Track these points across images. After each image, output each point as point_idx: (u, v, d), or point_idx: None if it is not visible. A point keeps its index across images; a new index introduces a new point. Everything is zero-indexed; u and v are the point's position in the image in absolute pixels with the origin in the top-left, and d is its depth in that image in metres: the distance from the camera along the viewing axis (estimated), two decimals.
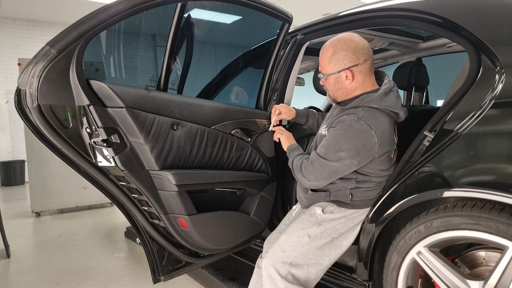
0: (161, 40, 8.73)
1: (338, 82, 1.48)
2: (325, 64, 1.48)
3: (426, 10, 1.42)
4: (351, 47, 1.42)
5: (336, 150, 1.37)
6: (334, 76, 1.47)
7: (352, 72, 1.43)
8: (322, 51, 1.50)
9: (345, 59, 1.43)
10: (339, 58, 1.43)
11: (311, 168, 1.43)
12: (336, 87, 1.50)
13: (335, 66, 1.45)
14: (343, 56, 1.43)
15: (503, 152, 1.13)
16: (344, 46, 1.42)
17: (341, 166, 1.38)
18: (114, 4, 1.35)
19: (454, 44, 2.27)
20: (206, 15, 7.62)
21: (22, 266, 2.77)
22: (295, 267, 1.45)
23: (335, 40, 1.46)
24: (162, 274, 1.80)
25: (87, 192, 4.54)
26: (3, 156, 7.43)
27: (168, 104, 1.56)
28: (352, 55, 1.42)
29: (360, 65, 1.43)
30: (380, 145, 1.36)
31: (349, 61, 1.43)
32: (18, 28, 7.58)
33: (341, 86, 1.48)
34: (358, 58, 1.42)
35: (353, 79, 1.44)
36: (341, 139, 1.36)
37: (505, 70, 1.17)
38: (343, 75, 1.45)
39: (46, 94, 1.28)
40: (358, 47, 1.42)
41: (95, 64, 1.78)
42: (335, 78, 1.48)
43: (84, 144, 1.44)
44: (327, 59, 1.46)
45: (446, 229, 1.24)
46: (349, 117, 1.38)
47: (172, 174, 1.53)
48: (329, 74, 1.48)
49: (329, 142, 1.40)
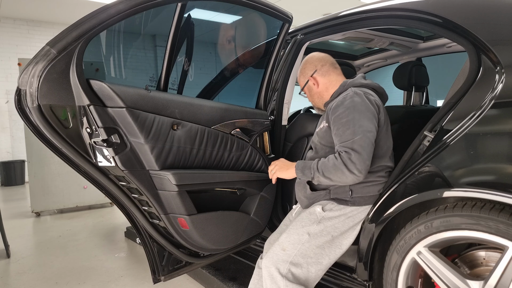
0: (161, 40, 8.73)
1: (310, 90, 1.73)
2: (300, 80, 1.77)
3: (426, 10, 1.43)
4: (309, 61, 1.71)
5: (358, 125, 1.38)
6: (306, 87, 1.73)
7: (315, 78, 1.68)
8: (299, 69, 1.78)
9: (307, 70, 1.71)
10: (304, 72, 1.72)
11: (356, 156, 1.34)
12: (311, 95, 1.73)
13: (304, 78, 1.73)
14: (305, 69, 1.72)
15: (503, 152, 1.13)
16: (305, 63, 1.73)
17: (371, 134, 1.39)
18: (114, 4, 1.35)
19: (454, 44, 2.27)
20: (206, 15, 7.62)
21: (22, 266, 2.77)
22: (295, 266, 1.45)
23: (304, 59, 1.77)
24: (162, 274, 1.80)
25: (87, 192, 4.54)
26: (3, 156, 7.43)
27: (168, 104, 1.56)
28: (310, 65, 1.70)
29: (318, 70, 1.68)
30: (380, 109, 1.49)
31: (310, 70, 1.70)
32: (18, 28, 7.58)
33: (314, 92, 1.71)
34: (315, 66, 1.69)
35: (318, 83, 1.68)
36: (352, 113, 1.41)
37: (505, 70, 1.17)
38: (311, 83, 1.70)
39: (46, 94, 1.28)
40: (314, 59, 1.70)
41: (95, 64, 1.78)
42: (308, 88, 1.73)
43: (84, 144, 1.44)
44: (300, 75, 1.76)
45: (446, 229, 1.24)
46: (343, 97, 1.48)
47: (172, 174, 1.53)
48: (302, 88, 1.75)
49: (347, 125, 1.40)
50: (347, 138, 1.39)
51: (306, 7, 7.58)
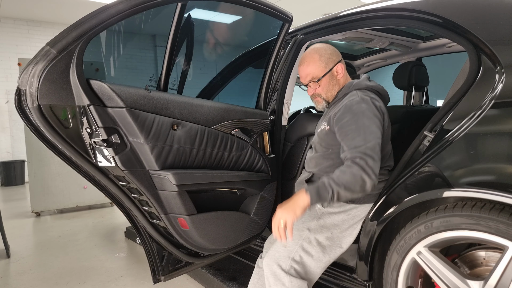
0: (161, 40, 8.73)
1: (332, 79, 1.57)
2: (315, 69, 1.56)
3: (426, 10, 1.43)
4: (331, 48, 1.59)
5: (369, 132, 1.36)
6: (328, 74, 1.56)
7: (341, 65, 1.58)
8: (305, 61, 1.58)
9: (333, 56, 1.57)
10: (328, 57, 1.56)
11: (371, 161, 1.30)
12: (331, 85, 1.58)
13: (327, 65, 1.56)
14: (330, 54, 1.57)
15: (503, 152, 1.13)
16: (326, 48, 1.58)
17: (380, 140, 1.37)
18: (114, 4, 1.35)
19: (454, 44, 2.27)
20: (206, 15, 7.62)
21: (22, 266, 2.77)
22: (297, 262, 1.46)
23: (313, 48, 1.60)
24: (162, 274, 1.80)
25: (87, 192, 4.54)
26: (3, 156, 7.43)
27: (168, 104, 1.56)
28: (335, 52, 1.59)
29: (342, 59, 1.60)
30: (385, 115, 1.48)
31: (336, 57, 1.58)
32: (18, 28, 7.58)
33: (336, 82, 1.58)
34: (339, 55, 1.60)
35: (343, 72, 1.58)
36: (361, 119, 1.39)
37: (505, 70, 1.17)
38: (335, 71, 1.57)
39: (46, 94, 1.28)
40: (334, 48, 1.60)
41: (95, 64, 1.78)
42: (330, 76, 1.57)
43: (84, 144, 1.44)
44: (317, 63, 1.56)
45: (446, 229, 1.24)
46: (350, 102, 1.45)
47: (172, 174, 1.53)
48: (324, 74, 1.56)
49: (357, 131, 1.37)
50: (359, 143, 1.34)
51: (306, 7, 7.58)
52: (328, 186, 1.29)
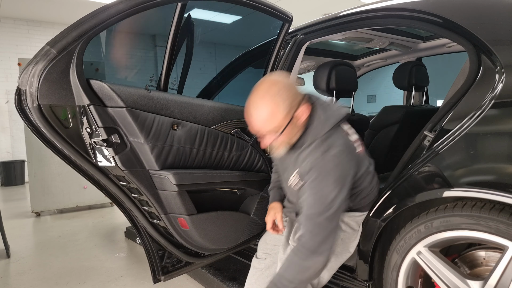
0: (161, 40, 8.73)
1: (294, 127, 1.30)
2: (273, 121, 1.24)
3: (426, 10, 1.43)
4: (290, 87, 1.26)
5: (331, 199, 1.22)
6: (290, 124, 1.27)
7: (304, 106, 1.29)
8: (257, 110, 1.25)
9: (295, 97, 1.26)
10: (289, 103, 1.24)
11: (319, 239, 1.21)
12: (294, 133, 1.31)
13: (288, 113, 1.25)
14: (292, 97, 1.25)
15: (503, 152, 1.13)
16: (285, 89, 1.25)
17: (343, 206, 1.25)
18: (114, 4, 1.35)
19: (454, 44, 2.27)
20: (206, 15, 7.62)
21: (22, 266, 2.77)
22: None
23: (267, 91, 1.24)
24: (162, 274, 1.79)
25: (87, 192, 4.54)
26: (3, 156, 7.43)
27: (168, 104, 1.56)
28: (295, 92, 1.27)
29: (304, 96, 1.32)
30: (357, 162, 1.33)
31: (296, 98, 1.27)
32: (18, 28, 7.57)
33: (298, 128, 1.31)
34: (299, 92, 1.30)
35: (306, 111, 1.30)
36: (322, 181, 1.23)
37: (505, 70, 1.17)
38: (296, 117, 1.28)
39: (46, 93, 1.28)
40: (286, 83, 1.27)
41: (95, 64, 1.78)
42: (291, 125, 1.28)
43: (84, 144, 1.44)
44: (275, 114, 1.23)
45: (446, 229, 1.24)
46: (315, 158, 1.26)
47: (172, 174, 1.53)
48: (286, 126, 1.26)
49: (316, 196, 1.24)
50: (313, 212, 1.23)
51: (306, 7, 7.58)
52: (280, 284, 1.26)
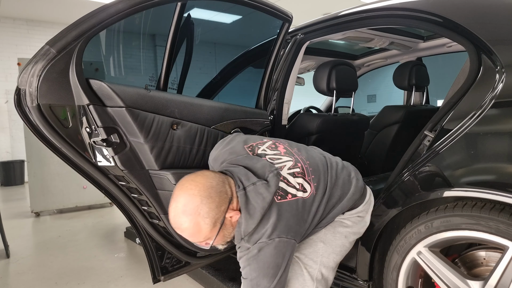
0: (160, 40, 8.73)
1: (227, 231, 1.17)
2: (201, 235, 1.13)
3: (426, 10, 1.42)
4: (202, 201, 1.10)
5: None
6: (220, 232, 1.15)
7: (230, 212, 1.15)
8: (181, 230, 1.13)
9: (213, 213, 1.11)
10: (208, 219, 1.10)
11: None
12: (229, 233, 1.19)
13: (214, 225, 1.12)
14: (206, 214, 1.10)
15: (503, 152, 1.13)
16: (197, 208, 1.09)
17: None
18: (114, 3, 1.34)
19: (454, 43, 2.27)
20: (206, 14, 7.61)
21: (22, 266, 2.77)
22: (319, 281, 1.33)
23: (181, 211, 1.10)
24: (162, 274, 1.79)
25: (86, 192, 4.54)
26: (3, 156, 7.42)
27: (168, 103, 1.55)
28: (211, 203, 1.11)
29: (230, 195, 1.16)
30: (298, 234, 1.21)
31: (218, 210, 1.12)
32: (18, 28, 7.57)
33: (231, 230, 1.18)
34: (219, 197, 1.12)
35: (236, 214, 1.16)
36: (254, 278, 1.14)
37: (506, 70, 1.17)
38: (228, 220, 1.15)
39: (46, 93, 1.28)
40: (205, 194, 1.11)
41: (94, 64, 1.77)
42: (222, 232, 1.16)
43: (83, 143, 1.43)
44: (200, 230, 1.11)
45: (446, 229, 1.24)
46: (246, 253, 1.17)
47: (172, 173, 1.52)
48: (216, 236, 1.14)
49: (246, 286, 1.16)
50: None
51: (306, 6, 7.58)
52: None
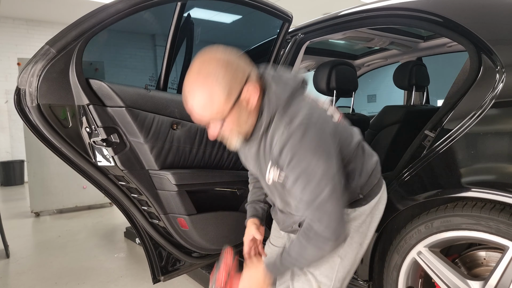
0: (160, 40, 8.73)
1: (242, 111, 1.04)
2: (212, 107, 1.00)
3: (426, 10, 1.42)
4: (219, 63, 0.99)
5: (320, 175, 1.00)
6: (235, 108, 1.02)
7: (251, 85, 1.02)
8: (191, 99, 1.02)
9: (237, 73, 1.00)
10: (223, 84, 0.98)
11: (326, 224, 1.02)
12: (244, 119, 1.06)
13: (229, 95, 0.99)
14: (234, 71, 1.00)
15: (503, 152, 1.13)
16: (213, 69, 0.98)
17: (337, 178, 1.04)
18: (114, 3, 1.34)
19: (454, 43, 2.26)
20: (206, 14, 7.61)
21: (22, 266, 2.76)
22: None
23: (194, 76, 1.00)
24: (161, 274, 1.79)
25: (86, 192, 4.53)
26: (3, 156, 7.42)
27: (168, 103, 1.55)
28: (228, 69, 0.99)
29: (251, 71, 1.05)
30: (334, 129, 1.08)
31: (242, 74, 1.01)
32: (18, 27, 7.57)
33: (249, 112, 1.06)
34: (246, 66, 1.03)
35: (256, 93, 1.04)
36: (304, 159, 1.00)
37: (506, 70, 1.17)
38: (243, 100, 1.03)
39: (46, 93, 1.28)
40: (223, 59, 1.00)
41: (94, 64, 1.77)
42: (238, 110, 1.03)
43: (83, 143, 1.43)
44: (212, 98, 0.99)
45: (446, 229, 1.24)
46: (282, 138, 1.02)
47: (172, 173, 1.52)
48: (228, 112, 1.02)
49: (303, 179, 1.02)
50: (310, 197, 1.02)
51: (306, 6, 7.58)
52: (290, 265, 1.11)
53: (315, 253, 1.07)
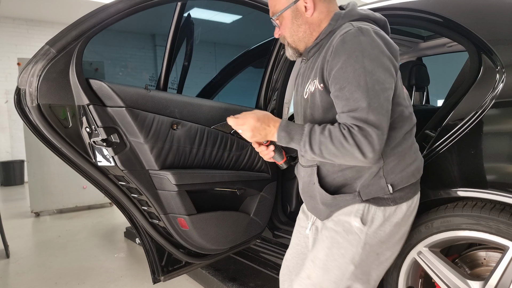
0: (160, 40, 8.73)
1: (296, 18, 1.09)
2: (274, 0, 1.11)
3: (426, 10, 1.42)
4: None
5: (372, 81, 0.93)
6: (290, 10, 1.09)
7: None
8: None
9: None
10: None
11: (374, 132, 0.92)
12: (296, 26, 1.10)
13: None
14: None
15: (503, 152, 1.13)
16: None
17: (390, 93, 0.97)
18: (114, 3, 1.34)
19: (454, 43, 2.26)
20: (206, 14, 7.61)
21: (22, 266, 2.76)
22: None
23: None
24: (161, 274, 1.79)
25: (86, 192, 4.54)
26: (3, 156, 7.42)
27: (168, 103, 1.55)
28: None
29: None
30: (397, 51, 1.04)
31: None
32: (18, 27, 7.57)
33: (302, 22, 1.09)
34: None
35: (315, 7, 1.07)
36: (360, 61, 0.94)
37: (506, 70, 1.17)
38: (301, 5, 1.07)
39: (46, 93, 1.28)
40: None
41: (94, 64, 1.77)
42: (292, 14, 1.09)
43: (83, 143, 1.43)
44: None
45: (446, 229, 1.23)
46: (342, 36, 0.98)
47: (172, 173, 1.52)
48: (283, 10, 1.09)
49: (355, 81, 0.94)
50: (358, 103, 0.93)
51: None
52: (304, 142, 1.01)
53: (337, 153, 0.96)
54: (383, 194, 1.07)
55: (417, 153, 1.13)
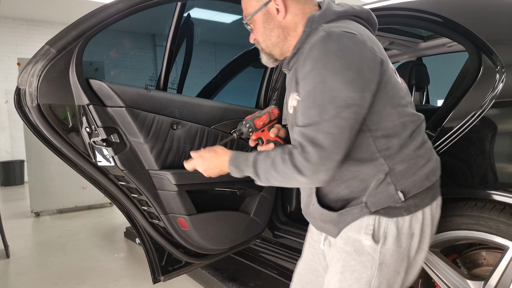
0: (160, 40, 8.73)
1: (268, 21, 1.01)
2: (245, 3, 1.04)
3: (426, 10, 1.42)
4: None
5: (330, 97, 0.85)
6: (261, 13, 1.01)
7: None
8: None
9: None
10: None
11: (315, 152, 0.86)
12: (268, 30, 1.02)
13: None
14: None
15: (503, 152, 1.13)
16: None
17: (354, 109, 0.86)
18: (114, 3, 1.34)
19: (454, 43, 2.26)
20: (206, 14, 7.62)
21: (22, 266, 2.76)
22: None
23: None
24: (161, 274, 1.79)
25: (86, 192, 4.53)
26: (3, 156, 7.42)
27: (168, 103, 1.55)
28: None
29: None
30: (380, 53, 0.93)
31: None
32: (18, 27, 7.57)
33: (274, 26, 1.01)
34: None
35: (287, 9, 0.99)
36: (320, 74, 0.86)
37: (506, 70, 1.17)
38: (272, 8, 1.00)
39: (46, 93, 1.28)
40: None
41: (94, 64, 1.77)
42: (263, 17, 1.01)
43: (83, 143, 1.43)
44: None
45: (446, 229, 1.24)
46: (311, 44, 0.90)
47: (172, 173, 1.52)
48: (253, 13, 1.02)
49: (311, 96, 0.88)
50: (310, 120, 0.88)
51: None
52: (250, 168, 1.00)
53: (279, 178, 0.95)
54: (394, 203, 0.93)
55: (430, 152, 1.00)
